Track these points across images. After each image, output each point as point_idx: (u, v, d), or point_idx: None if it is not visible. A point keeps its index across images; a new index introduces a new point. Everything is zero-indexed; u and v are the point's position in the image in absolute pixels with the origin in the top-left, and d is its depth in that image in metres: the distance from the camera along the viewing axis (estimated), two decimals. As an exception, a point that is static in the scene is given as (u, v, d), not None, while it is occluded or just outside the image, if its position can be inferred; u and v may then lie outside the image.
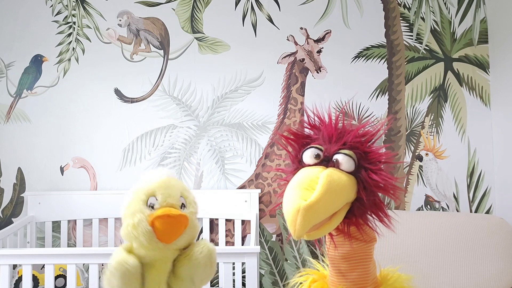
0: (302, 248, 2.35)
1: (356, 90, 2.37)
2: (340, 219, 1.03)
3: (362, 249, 1.09)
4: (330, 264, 1.14)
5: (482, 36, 2.37)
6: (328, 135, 1.08)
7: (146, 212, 1.20)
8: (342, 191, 0.99)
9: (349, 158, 1.03)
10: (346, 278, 1.10)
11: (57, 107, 2.43)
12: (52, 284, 1.69)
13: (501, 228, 2.04)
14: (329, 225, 1.01)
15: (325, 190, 0.95)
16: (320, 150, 1.06)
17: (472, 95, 2.36)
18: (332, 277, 1.14)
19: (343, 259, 1.10)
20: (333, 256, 1.12)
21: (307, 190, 0.96)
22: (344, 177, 1.01)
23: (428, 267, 1.98)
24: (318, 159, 1.06)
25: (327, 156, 1.05)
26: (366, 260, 1.10)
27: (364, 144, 1.07)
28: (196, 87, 2.42)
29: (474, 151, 2.35)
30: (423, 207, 2.36)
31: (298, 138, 1.14)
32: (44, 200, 2.34)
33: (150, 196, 1.24)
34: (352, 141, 1.05)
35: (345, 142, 1.05)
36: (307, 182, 0.98)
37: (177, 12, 2.43)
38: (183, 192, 1.29)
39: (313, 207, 0.93)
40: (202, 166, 2.42)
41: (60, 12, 2.45)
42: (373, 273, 1.12)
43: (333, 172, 1.01)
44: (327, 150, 1.06)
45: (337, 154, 1.04)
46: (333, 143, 1.06)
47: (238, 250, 1.77)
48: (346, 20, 2.40)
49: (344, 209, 1.03)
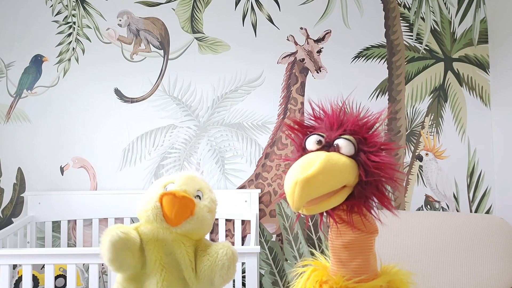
0: (302, 248, 2.35)
1: (356, 90, 2.36)
2: (340, 200, 1.07)
3: (363, 239, 1.12)
4: (332, 253, 1.17)
5: (482, 36, 2.37)
6: (330, 123, 1.14)
7: (159, 192, 1.27)
8: (341, 171, 1.04)
9: (349, 142, 1.08)
10: (346, 267, 1.13)
11: (57, 107, 2.43)
12: (52, 284, 1.69)
13: (501, 228, 2.04)
14: (328, 202, 1.05)
15: (323, 167, 1.00)
16: (322, 136, 1.12)
17: (472, 95, 2.36)
18: (332, 266, 1.17)
19: (344, 248, 1.13)
20: (335, 245, 1.15)
21: (306, 169, 1.01)
22: (344, 158, 1.06)
23: (428, 267, 1.98)
24: (320, 145, 1.11)
25: (328, 142, 1.11)
26: (366, 250, 1.13)
27: (364, 130, 1.12)
28: (196, 87, 2.42)
29: (474, 151, 2.35)
30: (423, 207, 2.36)
31: (302, 128, 1.19)
32: (44, 200, 2.34)
33: (170, 183, 1.31)
34: (352, 127, 1.11)
35: (345, 129, 1.11)
36: (307, 163, 1.03)
37: (177, 12, 2.43)
38: (203, 188, 1.35)
39: (310, 180, 0.98)
40: (202, 166, 2.42)
41: (60, 12, 2.45)
42: (373, 264, 1.15)
43: (333, 154, 1.06)
44: (329, 136, 1.11)
45: (338, 139, 1.09)
46: (334, 130, 1.12)
47: (238, 250, 1.76)
48: (346, 20, 2.40)
49: (345, 191, 1.07)
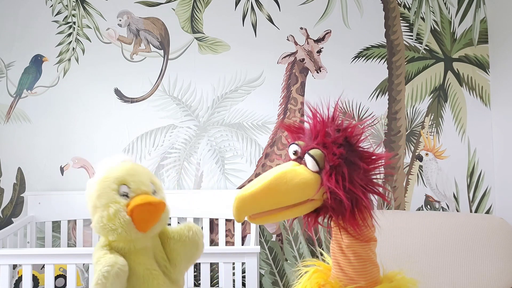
0: (302, 248, 2.35)
1: (356, 90, 2.37)
2: (303, 212, 1.09)
3: (357, 246, 1.11)
4: (332, 256, 1.17)
5: (482, 36, 2.36)
6: (312, 131, 1.13)
7: (122, 202, 1.14)
8: (293, 189, 1.04)
9: (311, 159, 1.06)
10: (343, 271, 1.13)
11: (57, 107, 2.43)
12: (52, 284, 1.69)
13: (501, 228, 2.04)
14: (279, 215, 1.07)
15: (266, 186, 1.02)
16: (299, 146, 1.11)
17: (472, 95, 2.36)
18: (332, 269, 1.17)
19: (341, 252, 1.13)
20: (332, 248, 1.15)
21: (250, 187, 1.04)
22: (305, 174, 1.05)
23: (428, 267, 1.98)
24: (296, 155, 1.12)
25: (302, 153, 1.10)
26: (362, 258, 1.12)
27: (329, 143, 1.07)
28: (196, 87, 2.42)
29: (474, 151, 2.35)
30: (423, 207, 2.36)
31: (291, 132, 1.19)
32: (44, 200, 2.34)
33: (121, 184, 1.17)
34: (322, 140, 1.08)
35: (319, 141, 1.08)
36: (257, 180, 1.06)
37: (177, 12, 2.43)
38: (152, 178, 1.26)
39: (245, 199, 1.02)
40: (202, 166, 2.42)
41: (60, 12, 2.45)
42: (371, 272, 1.13)
43: (295, 169, 1.06)
44: (304, 147, 1.10)
45: (306, 153, 1.08)
46: (312, 140, 1.10)
47: (238, 250, 1.78)
48: (346, 20, 2.40)
49: (311, 204, 1.07)
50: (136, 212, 1.12)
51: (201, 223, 2.32)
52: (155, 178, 1.27)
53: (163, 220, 1.22)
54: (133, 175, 1.19)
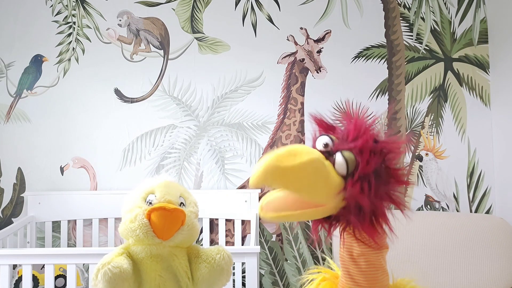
0: (302, 248, 2.35)
1: (356, 90, 2.37)
2: (309, 217, 0.98)
3: (370, 254, 1.06)
4: (341, 264, 1.12)
5: (482, 36, 2.36)
6: (350, 132, 1.02)
7: (143, 207, 1.22)
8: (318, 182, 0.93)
9: (344, 161, 0.96)
10: (354, 281, 1.07)
11: (57, 107, 2.43)
12: (52, 284, 1.69)
13: (501, 228, 2.04)
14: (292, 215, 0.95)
15: (299, 166, 0.89)
16: (332, 140, 1.01)
17: (472, 95, 2.36)
18: (342, 278, 1.12)
19: (352, 260, 1.07)
20: (342, 255, 1.10)
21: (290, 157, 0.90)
22: (334, 176, 0.95)
23: (428, 267, 1.98)
24: (325, 148, 1.00)
25: (333, 150, 0.99)
26: (375, 266, 1.07)
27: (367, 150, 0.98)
28: (196, 87, 2.42)
29: (474, 151, 2.35)
30: (423, 207, 2.36)
31: (322, 128, 1.08)
32: (44, 200, 2.34)
33: (149, 194, 1.25)
34: (361, 144, 0.98)
35: (356, 145, 0.98)
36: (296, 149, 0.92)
37: (177, 12, 2.43)
38: (183, 193, 1.31)
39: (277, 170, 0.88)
40: (202, 166, 2.42)
41: (60, 12, 2.45)
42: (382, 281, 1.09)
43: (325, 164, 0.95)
44: (338, 145, 1.00)
45: (338, 152, 0.97)
46: (346, 141, 1.00)
47: (238, 250, 1.77)
48: (346, 20, 2.40)
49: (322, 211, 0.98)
50: (153, 217, 1.18)
51: (201, 223, 2.32)
52: (187, 194, 1.32)
53: (186, 232, 1.24)
54: (162, 187, 1.27)
